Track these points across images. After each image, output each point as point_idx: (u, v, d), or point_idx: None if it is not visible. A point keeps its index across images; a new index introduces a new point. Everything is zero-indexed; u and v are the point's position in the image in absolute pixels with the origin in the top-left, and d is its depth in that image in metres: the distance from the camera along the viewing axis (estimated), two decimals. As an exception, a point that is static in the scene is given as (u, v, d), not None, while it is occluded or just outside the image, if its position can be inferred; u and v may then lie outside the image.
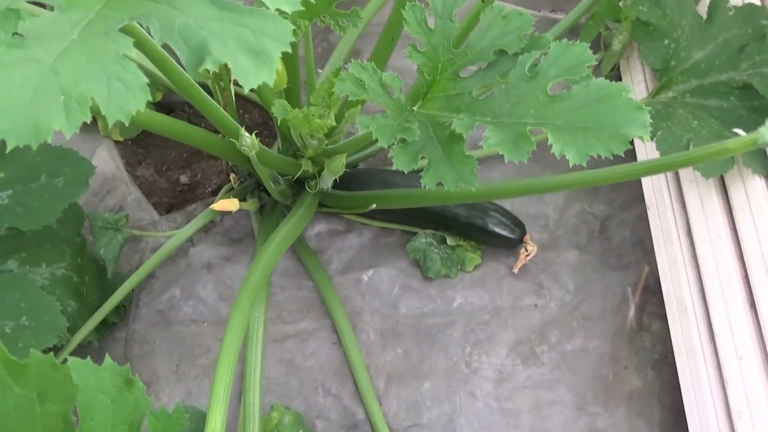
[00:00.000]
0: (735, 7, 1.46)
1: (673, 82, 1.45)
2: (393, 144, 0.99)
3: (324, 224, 1.58)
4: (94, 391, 0.75)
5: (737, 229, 1.33)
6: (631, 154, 1.40)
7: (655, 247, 1.44)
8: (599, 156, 0.89)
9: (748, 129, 1.38)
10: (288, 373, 1.41)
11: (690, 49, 1.45)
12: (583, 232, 1.57)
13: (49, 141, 0.58)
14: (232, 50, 0.64)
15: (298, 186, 1.49)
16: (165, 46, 0.68)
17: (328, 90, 1.25)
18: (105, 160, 1.63)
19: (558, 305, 1.48)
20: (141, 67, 1.35)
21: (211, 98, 1.20)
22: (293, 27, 0.66)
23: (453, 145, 0.97)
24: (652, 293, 1.48)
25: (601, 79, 0.93)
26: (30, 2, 1.02)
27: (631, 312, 1.47)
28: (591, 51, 0.99)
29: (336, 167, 1.35)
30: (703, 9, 1.50)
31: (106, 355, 0.80)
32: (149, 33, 0.67)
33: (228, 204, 1.38)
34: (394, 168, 0.99)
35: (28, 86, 0.59)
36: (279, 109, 1.21)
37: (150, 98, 0.63)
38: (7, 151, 0.59)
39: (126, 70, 0.63)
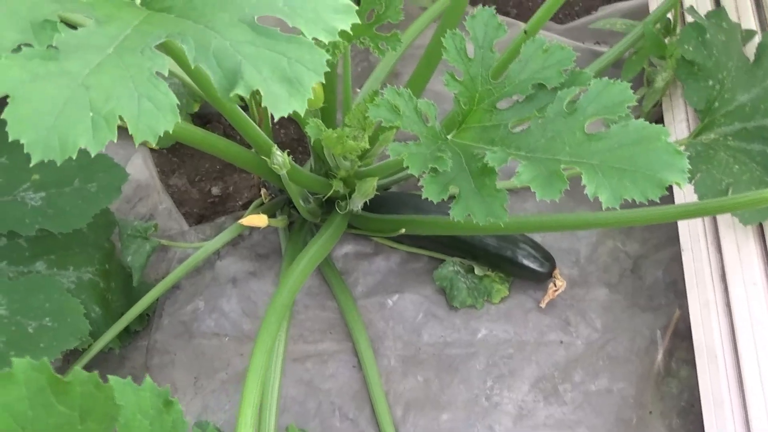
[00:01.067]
0: (785, 50, 1.44)
1: (715, 124, 1.42)
2: (424, 173, 0.97)
3: (352, 245, 1.57)
4: (133, 411, 0.74)
5: (775, 277, 1.30)
6: (668, 194, 1.37)
7: (688, 291, 1.41)
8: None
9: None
10: (306, 394, 1.40)
11: (735, 91, 1.42)
12: (615, 271, 1.54)
13: (74, 157, 0.58)
14: (265, 76, 0.63)
15: (328, 205, 1.48)
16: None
17: (364, 112, 1.24)
18: (139, 167, 1.64)
19: (584, 343, 1.45)
20: (178, 78, 1.36)
21: (245, 114, 1.19)
22: (329, 57, 0.65)
23: (485, 178, 0.96)
24: (682, 338, 1.44)
25: (641, 121, 0.91)
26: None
27: (659, 356, 1.44)
28: (632, 89, 0.97)
29: (367, 190, 1.34)
30: (750, 50, 1.47)
31: (147, 375, 0.79)
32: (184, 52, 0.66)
33: (257, 220, 1.38)
34: (423, 197, 0.97)
35: (58, 100, 0.59)
36: (313, 128, 1.21)
37: (179, 119, 0.63)
38: (31, 165, 0.59)
39: (158, 89, 0.62)
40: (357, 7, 0.69)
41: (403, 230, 1.40)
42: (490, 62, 1.06)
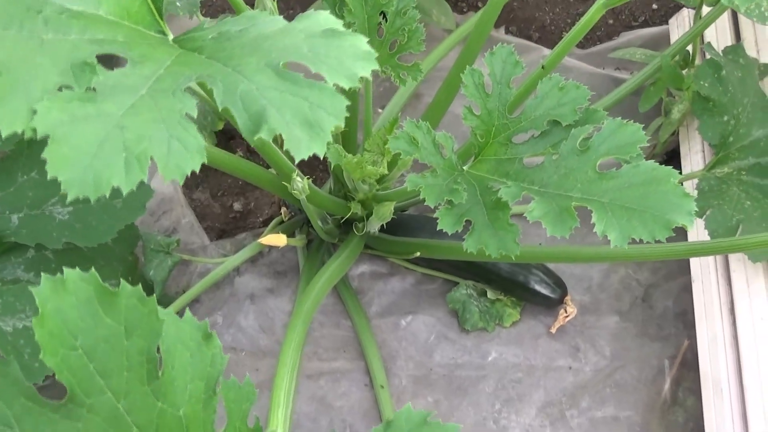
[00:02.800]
0: (801, 86, 1.46)
1: (729, 158, 1.44)
2: (440, 205, 1.01)
3: (368, 265, 1.60)
4: (174, 340, 0.75)
5: (782, 314, 1.32)
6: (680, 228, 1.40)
7: (697, 323, 1.43)
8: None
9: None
10: (318, 411, 1.43)
11: (750, 126, 1.44)
12: (626, 299, 1.56)
13: (107, 195, 0.61)
14: (287, 121, 0.67)
15: (346, 226, 1.51)
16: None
17: (383, 138, 1.28)
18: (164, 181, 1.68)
19: (592, 370, 1.47)
20: (205, 97, 1.39)
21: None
22: (349, 102, 0.68)
23: (498, 211, 0.99)
24: (689, 368, 1.46)
25: (651, 162, 0.94)
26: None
27: (667, 385, 1.46)
28: (650, 118, 1.00)
29: (384, 214, 1.37)
30: (764, 86, 1.49)
31: (186, 308, 0.81)
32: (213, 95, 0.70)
33: (276, 239, 1.41)
34: (438, 228, 1.01)
35: (94, 140, 0.62)
36: (333, 154, 1.24)
37: (205, 160, 0.66)
38: (67, 201, 0.62)
39: (187, 131, 0.66)
40: (377, 54, 0.72)
41: (418, 253, 1.43)
42: (507, 97, 1.09)
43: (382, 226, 1.42)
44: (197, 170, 0.64)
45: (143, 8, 0.85)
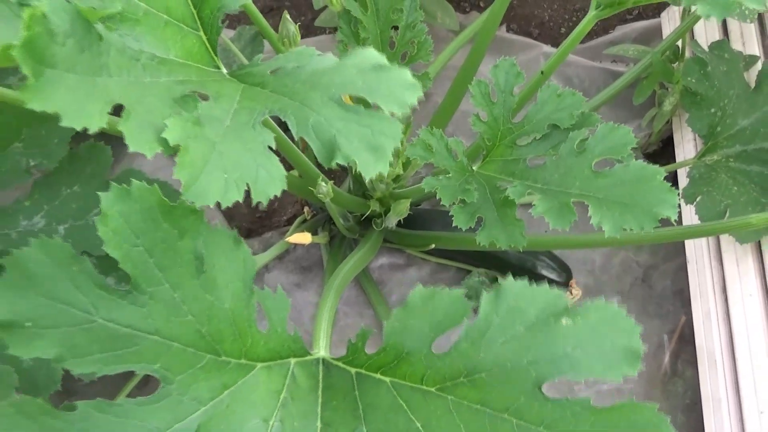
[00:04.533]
0: (784, 76, 1.56)
1: (718, 146, 1.55)
2: (454, 204, 1.13)
3: (387, 257, 1.72)
4: (211, 244, 0.85)
5: (769, 290, 1.44)
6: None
7: (692, 300, 1.55)
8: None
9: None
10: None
11: (736, 116, 1.55)
12: (627, 280, 1.68)
13: (212, 205, 0.73)
14: (356, 147, 0.78)
15: (365, 223, 1.63)
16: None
17: (398, 141, 1.40)
18: (193, 185, 1.80)
19: (598, 347, 1.59)
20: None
21: (293, 143, 1.34)
22: (403, 126, 0.80)
23: (506, 209, 1.11)
24: (687, 342, 1.59)
25: (640, 162, 1.05)
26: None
27: (666, 358, 1.58)
28: (644, 110, 1.10)
29: (401, 210, 1.49)
30: (753, 75, 1.60)
31: (217, 221, 0.90)
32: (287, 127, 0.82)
33: (301, 237, 1.53)
34: (453, 224, 1.13)
35: (203, 158, 0.74)
36: (354, 159, 1.36)
37: (285, 186, 0.78)
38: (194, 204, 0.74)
39: (271, 162, 0.77)
40: (421, 84, 0.83)
41: (433, 245, 1.56)
42: (511, 104, 1.21)
43: (399, 220, 1.54)
44: (279, 194, 0.77)
45: (202, 49, 0.97)
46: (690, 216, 1.59)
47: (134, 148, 0.74)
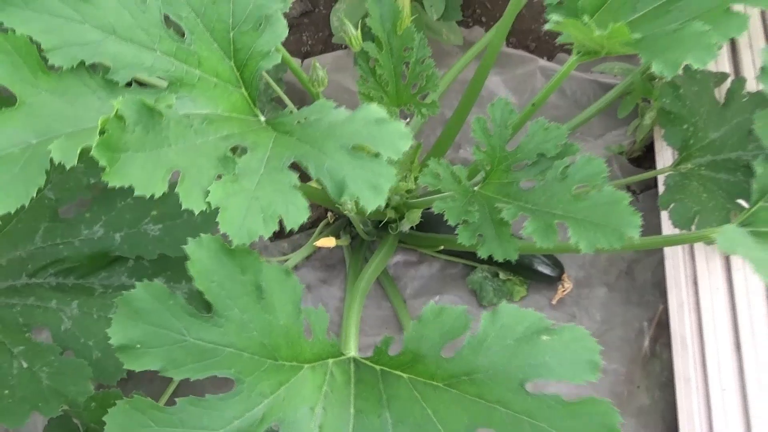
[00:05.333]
0: (749, 93, 1.77)
1: (691, 156, 1.76)
2: (459, 224, 1.35)
3: (401, 256, 1.96)
4: (268, 277, 1.07)
5: (732, 285, 1.66)
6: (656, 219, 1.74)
7: (668, 291, 1.78)
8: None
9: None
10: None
11: (707, 129, 1.76)
12: (613, 272, 1.91)
13: (256, 240, 0.97)
14: (360, 187, 1.00)
15: (382, 227, 1.86)
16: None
17: (410, 158, 1.63)
18: (228, 193, 2.04)
19: (586, 333, 1.83)
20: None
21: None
22: (396, 170, 1.02)
23: (502, 227, 1.33)
24: (664, 327, 1.82)
25: (611, 188, 1.27)
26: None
27: (646, 342, 1.81)
28: (628, 122, 1.29)
29: (413, 218, 1.72)
30: (723, 90, 1.81)
31: (269, 261, 1.13)
32: (307, 170, 1.05)
33: (327, 241, 1.77)
34: (458, 242, 1.35)
35: (243, 208, 0.97)
36: (373, 178, 1.59)
37: (309, 214, 1.01)
38: (232, 247, 0.98)
39: (297, 197, 1.00)
40: (413, 133, 1.06)
41: (442, 246, 1.79)
42: (506, 136, 1.43)
43: (412, 225, 1.77)
44: (305, 221, 1.00)
45: (244, 102, 1.19)
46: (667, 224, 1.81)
47: (186, 206, 0.97)
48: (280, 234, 2.04)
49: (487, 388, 1.00)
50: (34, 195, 0.97)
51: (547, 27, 1.23)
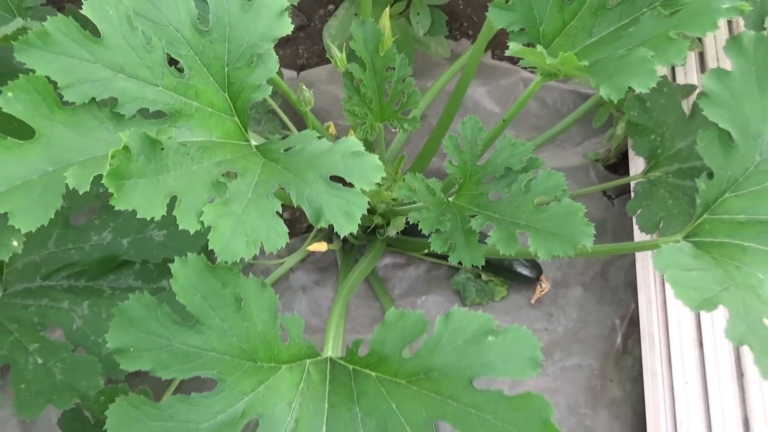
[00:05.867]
0: (715, 104, 1.88)
1: (660, 165, 1.87)
2: (432, 233, 1.48)
3: (390, 258, 2.09)
4: (246, 289, 1.19)
5: (694, 284, 1.78)
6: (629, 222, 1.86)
7: (639, 291, 1.90)
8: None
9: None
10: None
11: (674, 139, 1.87)
12: (588, 273, 2.03)
13: (237, 261, 1.10)
14: (335, 213, 1.13)
15: (370, 232, 1.99)
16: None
17: (394, 169, 1.76)
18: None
19: (563, 330, 1.95)
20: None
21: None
22: (369, 199, 1.14)
23: (471, 236, 1.46)
24: (635, 325, 1.94)
25: (568, 200, 1.39)
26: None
27: (619, 338, 1.94)
28: (603, 130, 1.40)
29: (398, 224, 1.85)
30: (691, 101, 1.92)
31: (250, 273, 1.27)
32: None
33: (319, 246, 1.90)
34: (431, 249, 1.48)
35: (230, 230, 1.09)
36: (358, 189, 1.72)
37: (288, 240, 1.14)
38: (215, 264, 1.11)
39: (278, 223, 1.13)
40: (384, 167, 1.19)
41: (426, 250, 1.91)
42: (476, 151, 1.55)
43: (398, 231, 1.90)
44: (284, 245, 1.13)
45: (236, 128, 1.32)
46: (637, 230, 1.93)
47: (182, 226, 1.10)
48: (277, 238, 2.17)
49: (441, 384, 1.12)
50: (52, 216, 1.10)
51: (507, 53, 1.34)
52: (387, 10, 1.72)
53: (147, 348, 1.13)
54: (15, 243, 1.18)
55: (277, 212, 1.15)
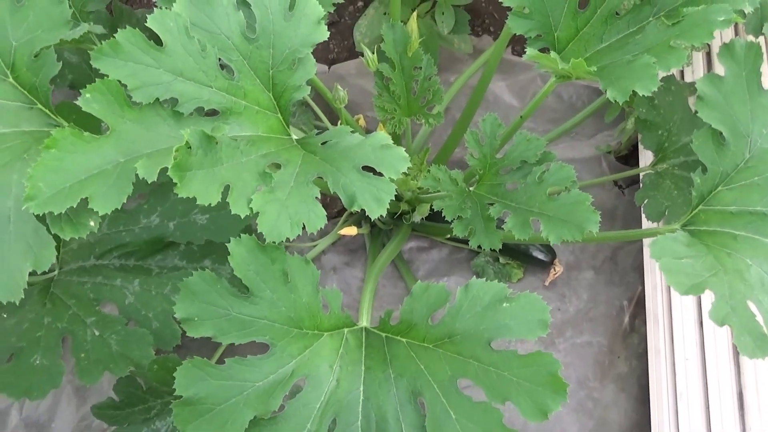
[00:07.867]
0: (719, 101, 2.01)
1: (666, 158, 2.01)
2: (454, 219, 1.63)
3: (414, 242, 2.25)
4: (291, 265, 1.35)
5: (696, 269, 1.92)
6: (637, 211, 2.01)
7: (645, 274, 2.04)
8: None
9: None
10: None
11: (680, 134, 2.00)
12: (599, 258, 2.18)
13: (284, 241, 1.26)
14: (366, 198, 1.28)
15: (397, 217, 2.15)
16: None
17: (420, 159, 1.92)
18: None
19: (574, 310, 2.10)
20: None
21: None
22: (396, 187, 1.30)
23: (489, 222, 1.61)
24: (642, 306, 2.08)
25: (576, 190, 1.53)
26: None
27: (626, 318, 2.09)
28: (615, 125, 1.55)
29: (423, 211, 2.00)
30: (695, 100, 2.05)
31: (295, 253, 1.44)
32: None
33: (349, 230, 2.06)
34: (453, 234, 1.63)
35: (275, 214, 1.25)
36: (386, 178, 1.87)
37: (326, 221, 1.30)
38: (264, 244, 1.28)
39: (317, 207, 1.28)
40: (410, 158, 1.34)
41: (448, 234, 2.07)
42: (495, 145, 1.70)
43: (423, 217, 2.06)
44: (322, 227, 1.29)
45: (279, 124, 1.48)
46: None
47: (235, 211, 1.26)
48: (310, 223, 2.34)
49: (463, 346, 1.29)
50: (125, 200, 1.26)
51: (524, 58, 1.49)
52: (414, 13, 1.87)
53: (209, 317, 1.30)
54: (92, 223, 1.34)
55: (316, 197, 1.31)
